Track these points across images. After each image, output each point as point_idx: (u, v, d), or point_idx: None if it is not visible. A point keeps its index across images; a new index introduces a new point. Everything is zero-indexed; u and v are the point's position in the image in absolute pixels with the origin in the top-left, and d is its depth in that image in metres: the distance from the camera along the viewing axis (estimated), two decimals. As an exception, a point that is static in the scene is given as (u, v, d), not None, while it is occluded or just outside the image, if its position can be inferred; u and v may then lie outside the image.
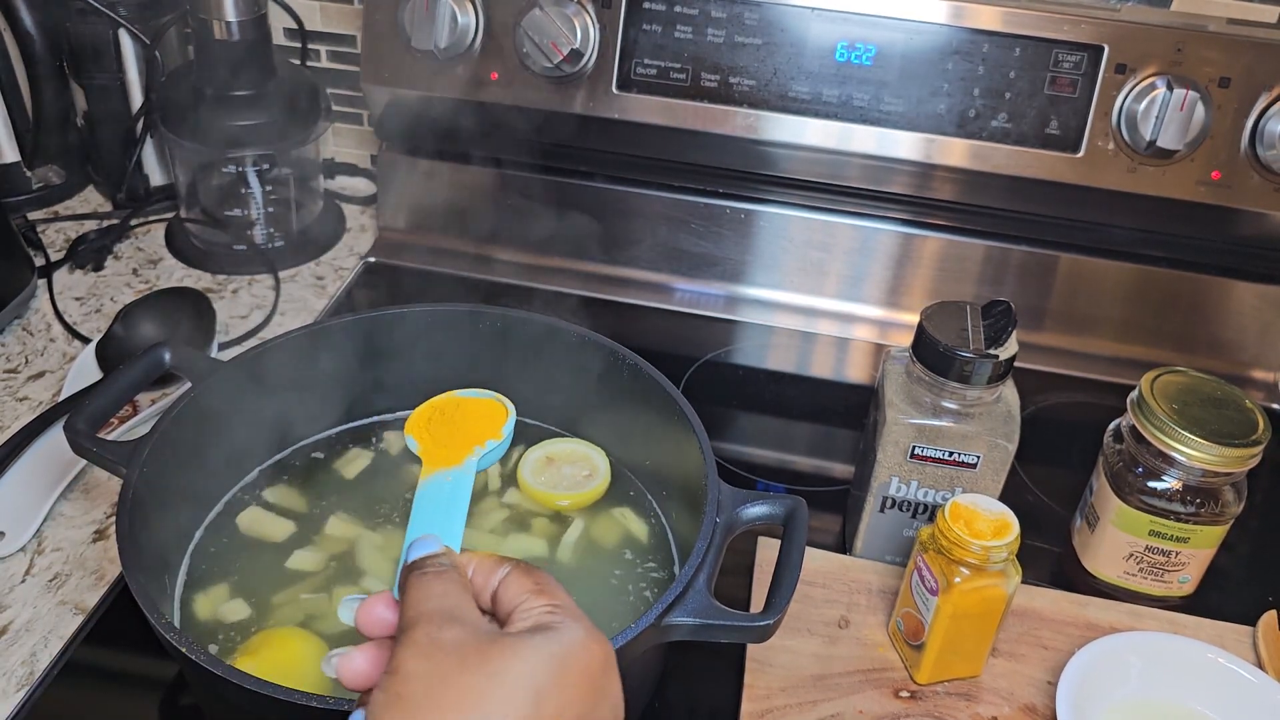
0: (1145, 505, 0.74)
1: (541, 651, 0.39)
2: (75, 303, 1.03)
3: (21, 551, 0.78)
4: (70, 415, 0.68)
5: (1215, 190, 0.94)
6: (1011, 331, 0.71)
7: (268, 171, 1.07)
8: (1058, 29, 0.92)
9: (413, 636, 0.39)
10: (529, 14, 0.96)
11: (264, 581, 0.70)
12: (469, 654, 0.38)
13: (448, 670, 0.38)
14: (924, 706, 0.69)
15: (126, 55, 1.09)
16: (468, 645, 0.39)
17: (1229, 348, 1.02)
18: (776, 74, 0.96)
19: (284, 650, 0.65)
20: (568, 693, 0.39)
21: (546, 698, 0.38)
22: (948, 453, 0.73)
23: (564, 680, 0.39)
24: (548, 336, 0.79)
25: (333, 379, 0.79)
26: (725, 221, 1.06)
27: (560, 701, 0.38)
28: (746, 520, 0.65)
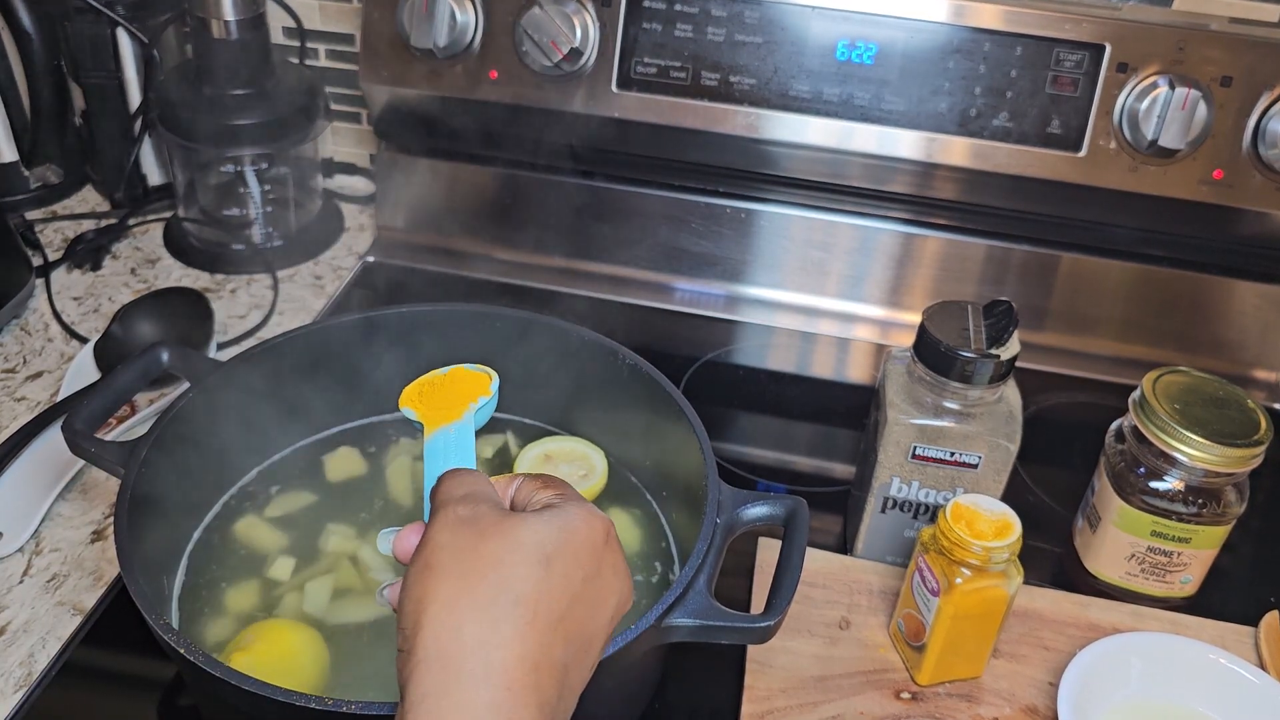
0: (1147, 505, 0.74)
1: (550, 524, 0.45)
2: (73, 302, 1.03)
3: (19, 552, 0.77)
4: (68, 415, 0.67)
5: (1217, 190, 0.94)
6: (1013, 331, 0.71)
7: (266, 171, 1.07)
8: (1059, 28, 0.91)
9: (441, 515, 0.45)
10: (528, 12, 0.95)
11: (262, 580, 0.70)
12: (488, 527, 0.44)
13: (470, 540, 0.43)
14: (925, 708, 0.69)
15: (125, 54, 1.09)
16: (487, 520, 0.44)
17: (1231, 347, 1.02)
18: (777, 73, 0.96)
19: (279, 644, 0.66)
20: (574, 558, 0.44)
21: (555, 561, 0.43)
22: (949, 453, 0.73)
23: (570, 547, 0.44)
24: (548, 336, 0.78)
25: (332, 379, 0.79)
26: (725, 221, 1.06)
27: (567, 565, 0.44)
28: (747, 521, 0.65)
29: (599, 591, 0.45)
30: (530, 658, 0.41)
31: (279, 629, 0.67)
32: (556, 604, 0.43)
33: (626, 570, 0.48)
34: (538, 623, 0.42)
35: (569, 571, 0.44)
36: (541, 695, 0.41)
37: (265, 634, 0.66)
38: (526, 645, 0.41)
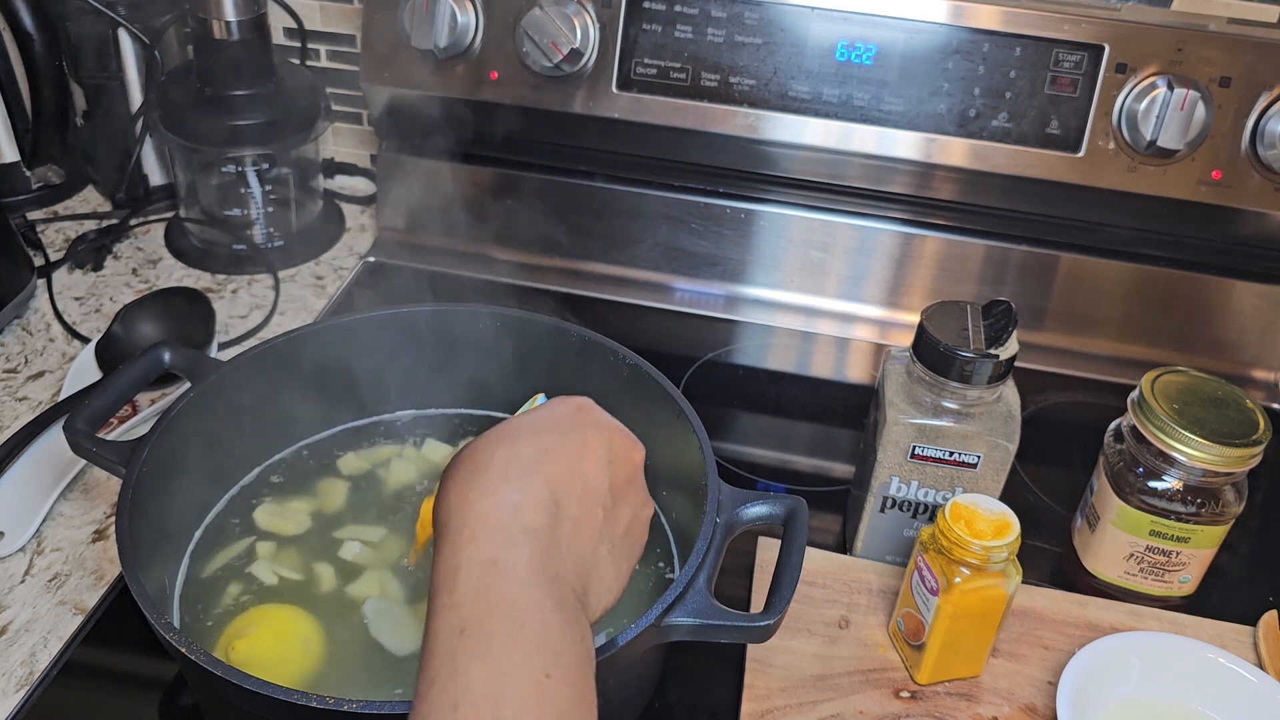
0: (1146, 505, 0.74)
1: (535, 409, 0.53)
2: (75, 302, 1.03)
3: (21, 552, 0.78)
4: (70, 415, 0.68)
5: (1216, 190, 0.94)
6: (1012, 331, 0.71)
7: (267, 171, 1.07)
8: (1058, 28, 0.92)
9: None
10: (529, 13, 0.95)
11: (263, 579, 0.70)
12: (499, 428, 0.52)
13: (485, 437, 0.51)
14: (924, 707, 0.69)
15: (126, 55, 1.09)
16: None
17: (1230, 347, 1.02)
18: (777, 73, 0.96)
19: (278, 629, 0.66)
20: (540, 421, 0.52)
21: (522, 430, 0.51)
22: (948, 453, 0.73)
23: (533, 418, 0.52)
24: (548, 336, 0.79)
25: (333, 379, 0.79)
26: (725, 221, 1.06)
27: (535, 426, 0.51)
28: (747, 520, 0.65)
29: (580, 442, 0.51)
30: (508, 502, 0.47)
31: (276, 614, 0.67)
32: (526, 458, 0.49)
33: (613, 423, 0.54)
34: (509, 476, 0.48)
35: (538, 430, 0.51)
36: (526, 523, 0.47)
37: (263, 619, 0.67)
38: (500, 496, 0.47)
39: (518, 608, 0.44)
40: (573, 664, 0.44)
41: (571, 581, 0.47)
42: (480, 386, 0.83)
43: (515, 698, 0.41)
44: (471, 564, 0.45)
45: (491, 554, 0.45)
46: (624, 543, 0.52)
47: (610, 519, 0.51)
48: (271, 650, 0.65)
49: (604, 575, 0.51)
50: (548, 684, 0.42)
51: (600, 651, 0.55)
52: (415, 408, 0.84)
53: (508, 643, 0.42)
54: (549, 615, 0.44)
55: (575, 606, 0.47)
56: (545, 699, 0.42)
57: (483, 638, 0.42)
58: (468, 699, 0.41)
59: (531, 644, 0.43)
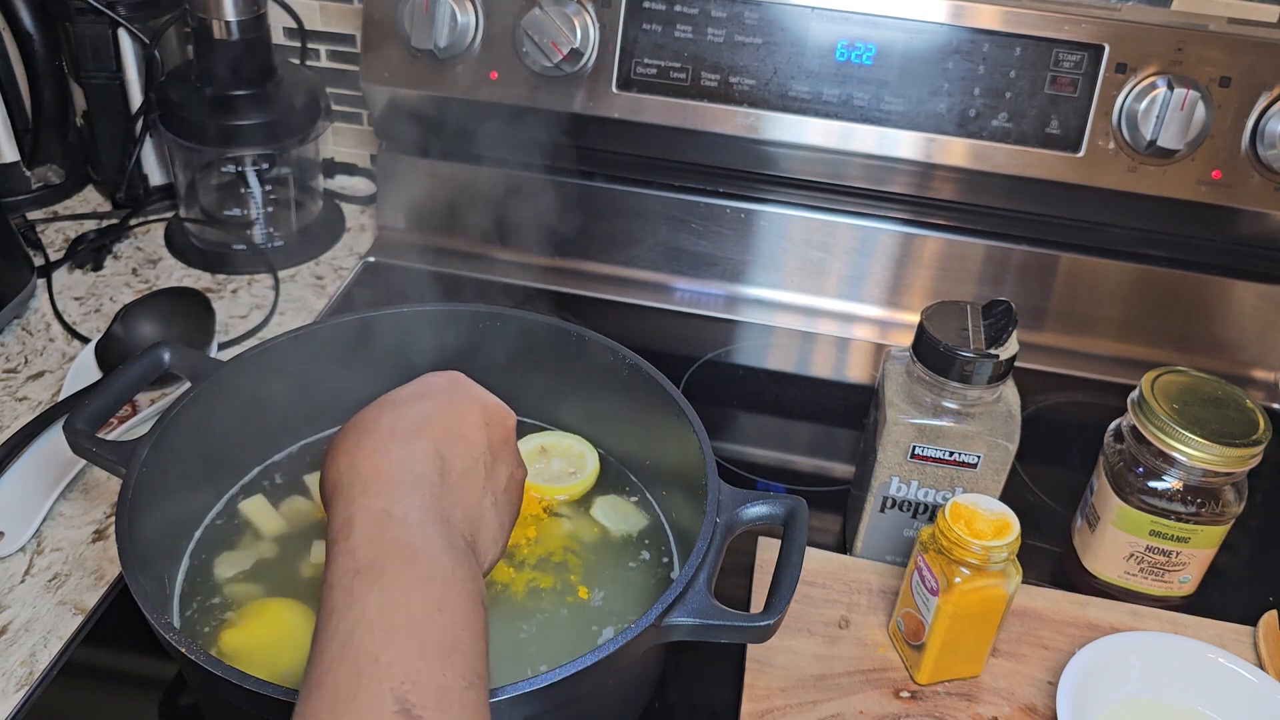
0: (1146, 505, 0.74)
1: (411, 383, 0.57)
2: (75, 302, 1.03)
3: (21, 551, 0.77)
4: (70, 415, 0.68)
5: (1216, 190, 0.94)
6: (1012, 331, 0.71)
7: (267, 171, 1.07)
8: (1058, 28, 0.92)
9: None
10: (529, 13, 0.95)
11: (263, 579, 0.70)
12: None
13: (367, 408, 0.55)
14: (924, 707, 0.69)
15: (126, 55, 1.09)
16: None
17: (1229, 347, 1.02)
18: (777, 73, 0.96)
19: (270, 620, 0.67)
20: (413, 390, 0.55)
21: (397, 399, 0.55)
22: (948, 453, 0.73)
23: (425, 382, 0.56)
24: (548, 336, 0.79)
25: (333, 379, 0.79)
26: (725, 221, 1.06)
27: (409, 395, 0.55)
28: (747, 520, 0.65)
29: (457, 406, 0.55)
30: (396, 458, 0.50)
31: (269, 606, 0.68)
32: (410, 420, 0.52)
33: (485, 392, 0.58)
34: (396, 435, 0.51)
35: (418, 397, 0.54)
36: (415, 473, 0.50)
37: (257, 611, 0.67)
38: (388, 453, 0.51)
39: (410, 549, 0.46)
40: (464, 599, 0.46)
41: (461, 527, 0.50)
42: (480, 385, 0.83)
43: (408, 626, 0.43)
44: (366, 513, 0.48)
45: (384, 504, 0.48)
46: (504, 498, 0.56)
47: (491, 475, 0.55)
48: (260, 641, 0.66)
49: (489, 525, 0.54)
50: (439, 616, 0.44)
51: (599, 652, 0.55)
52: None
53: (401, 577, 0.45)
54: (440, 557, 0.47)
55: (465, 550, 0.49)
56: (436, 628, 0.44)
57: (376, 573, 0.45)
58: (361, 626, 0.43)
59: (423, 579, 0.45)
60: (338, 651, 0.42)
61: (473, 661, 0.44)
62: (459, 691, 0.42)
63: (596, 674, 0.55)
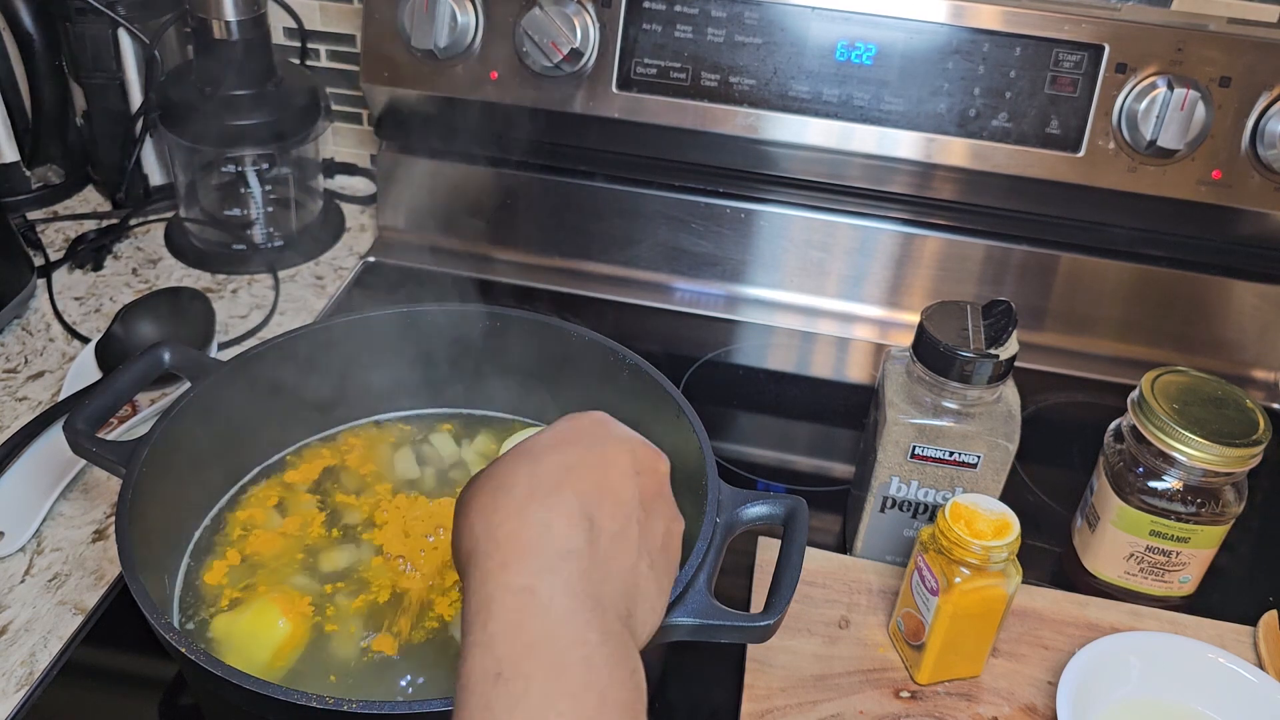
0: (1146, 505, 0.74)
1: (552, 426, 0.51)
2: (74, 302, 1.03)
3: (21, 551, 0.77)
4: (70, 415, 0.68)
5: (1216, 190, 0.94)
6: (1012, 331, 0.71)
7: (267, 171, 1.07)
8: (1058, 28, 0.92)
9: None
10: (529, 13, 0.95)
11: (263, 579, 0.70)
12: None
13: (502, 459, 0.49)
14: (924, 707, 0.69)
15: (126, 55, 1.09)
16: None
17: (1229, 347, 1.02)
18: (777, 73, 0.96)
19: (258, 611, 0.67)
20: (561, 439, 0.49)
21: (543, 448, 0.48)
22: (948, 453, 0.73)
23: (553, 434, 0.50)
24: (548, 336, 0.79)
25: (333, 378, 0.79)
26: (725, 221, 1.06)
27: (556, 443, 0.49)
28: (747, 520, 0.65)
29: (603, 454, 0.48)
30: (539, 521, 0.44)
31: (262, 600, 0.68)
32: (551, 474, 0.46)
33: (633, 435, 0.51)
34: (536, 495, 0.45)
35: (558, 445, 0.48)
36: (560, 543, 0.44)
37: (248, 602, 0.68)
38: (529, 516, 0.44)
39: (558, 645, 0.40)
40: (621, 705, 0.40)
41: (616, 605, 0.44)
42: (480, 386, 0.83)
43: None
44: (505, 593, 0.42)
45: (527, 580, 0.42)
46: (662, 558, 0.49)
47: (645, 533, 0.48)
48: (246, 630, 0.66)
49: (647, 593, 0.47)
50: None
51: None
52: (415, 408, 0.84)
53: (547, 688, 0.39)
54: (593, 651, 0.41)
55: (621, 634, 0.43)
56: None
57: (520, 682, 0.39)
58: None
59: (574, 688, 0.39)
60: None
61: None
62: None
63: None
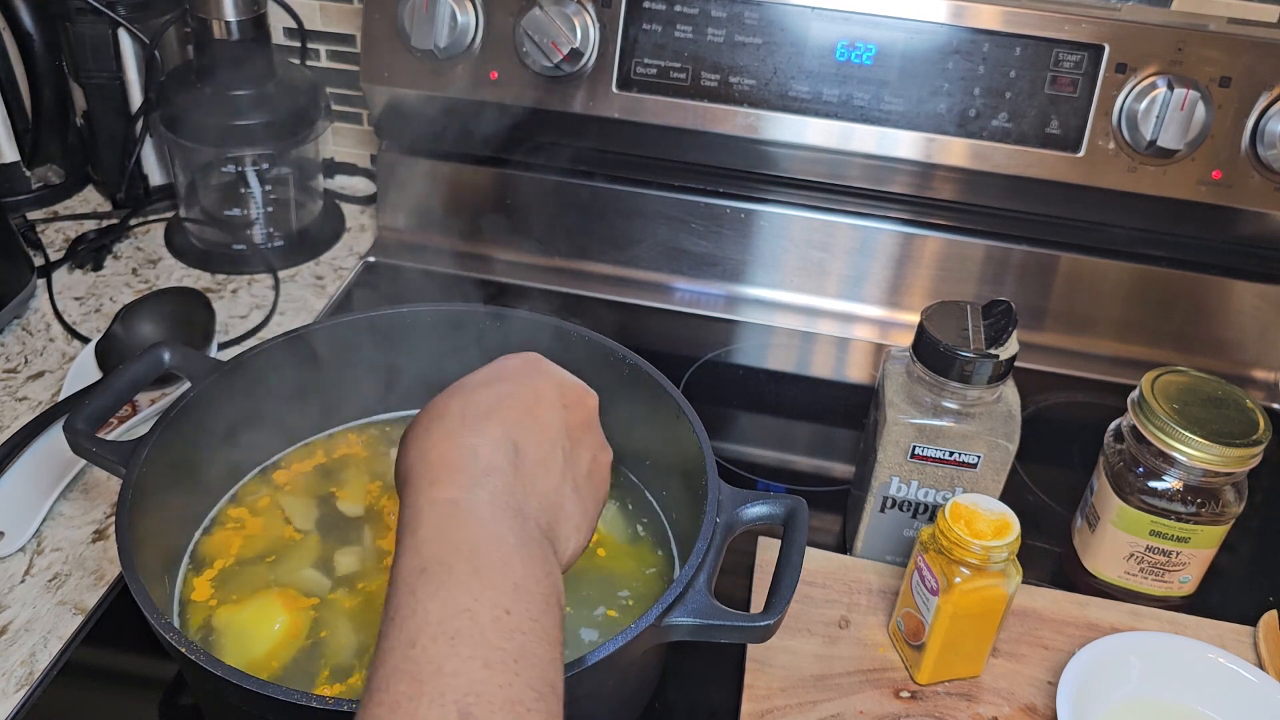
0: (1146, 505, 0.74)
1: (487, 366, 0.55)
2: (75, 302, 1.03)
3: (21, 551, 0.77)
4: (70, 415, 0.68)
5: (1216, 190, 0.94)
6: (1012, 331, 0.71)
7: (267, 171, 1.07)
8: (1058, 28, 0.92)
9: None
10: (529, 13, 0.95)
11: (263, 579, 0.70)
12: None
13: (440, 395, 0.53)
14: (924, 707, 0.69)
15: (126, 54, 1.09)
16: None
17: (1230, 347, 1.02)
18: (777, 73, 0.96)
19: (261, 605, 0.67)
20: (492, 373, 0.53)
21: (473, 383, 0.52)
22: (948, 453, 0.73)
23: (500, 365, 0.54)
24: (548, 336, 0.78)
25: (332, 379, 0.79)
26: (725, 221, 1.06)
27: (488, 379, 0.53)
28: (747, 520, 0.65)
29: (532, 389, 0.52)
30: (467, 445, 0.48)
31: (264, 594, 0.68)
32: (482, 406, 0.50)
33: (562, 372, 0.55)
34: (467, 422, 0.49)
35: (490, 382, 0.52)
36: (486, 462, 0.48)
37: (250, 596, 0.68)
38: (458, 439, 0.48)
39: (477, 544, 0.44)
40: (535, 599, 0.44)
41: (536, 517, 0.48)
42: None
43: (472, 632, 0.41)
44: (433, 505, 0.46)
45: (453, 494, 0.46)
46: (587, 483, 0.53)
47: (571, 460, 0.52)
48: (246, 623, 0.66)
49: (570, 513, 0.51)
50: (506, 619, 0.42)
51: (600, 652, 0.55)
52: (415, 408, 0.84)
53: (466, 578, 0.43)
54: (510, 553, 0.45)
55: (541, 543, 0.47)
56: (504, 633, 0.42)
57: (441, 573, 0.43)
58: (425, 633, 0.41)
59: (490, 579, 0.43)
60: (399, 662, 0.41)
61: (544, 669, 0.42)
62: (527, 704, 0.40)
63: (596, 674, 0.55)
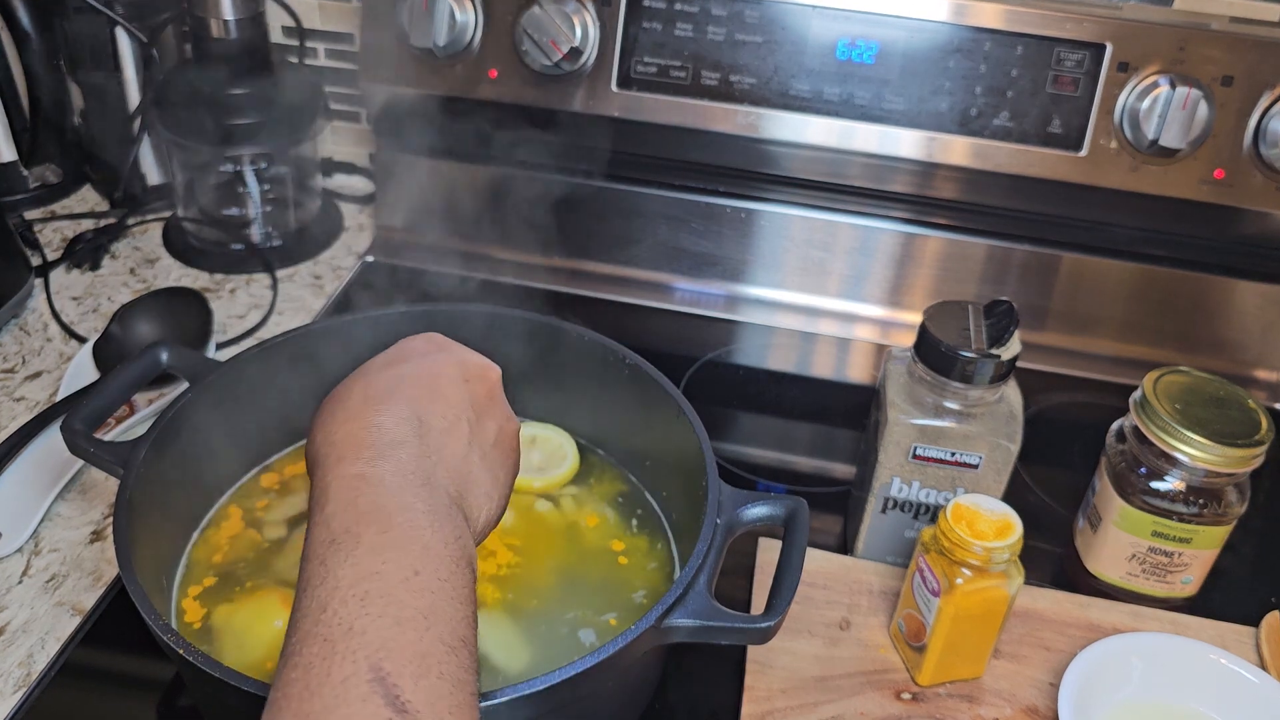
0: (1148, 505, 0.74)
1: (388, 349, 0.57)
2: (72, 302, 1.03)
3: (18, 552, 0.77)
4: (67, 415, 0.67)
5: (1218, 189, 0.94)
6: (1013, 331, 0.71)
7: (265, 170, 1.07)
8: (1060, 27, 0.91)
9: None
10: (528, 11, 0.95)
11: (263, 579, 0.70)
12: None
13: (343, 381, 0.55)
14: (925, 708, 0.69)
15: (124, 54, 1.08)
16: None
17: (1232, 347, 1.02)
18: (777, 72, 0.96)
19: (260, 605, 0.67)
20: (401, 351, 0.56)
21: (373, 366, 0.55)
22: (950, 453, 0.72)
23: (399, 346, 0.56)
24: (548, 336, 0.78)
25: (331, 379, 0.78)
26: (726, 220, 1.06)
27: (395, 354, 0.55)
28: (747, 521, 0.65)
29: (432, 365, 0.54)
30: (371, 423, 0.49)
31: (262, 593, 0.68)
32: (384, 385, 0.51)
33: (462, 348, 0.57)
34: (370, 401, 0.50)
35: (391, 363, 0.54)
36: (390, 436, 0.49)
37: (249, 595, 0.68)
38: (362, 419, 0.49)
39: (385, 512, 0.45)
40: (444, 561, 0.44)
41: (445, 486, 0.49)
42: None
43: (382, 594, 0.42)
44: (340, 480, 0.47)
45: (359, 469, 0.47)
46: (495, 452, 0.54)
47: (477, 430, 0.53)
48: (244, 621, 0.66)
49: (480, 481, 0.52)
50: (415, 580, 0.43)
51: (599, 653, 0.55)
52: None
53: (374, 544, 0.44)
54: (418, 517, 0.45)
55: (450, 509, 0.48)
56: (413, 592, 0.42)
57: (350, 541, 0.44)
58: (335, 597, 0.42)
59: (399, 543, 0.44)
60: (311, 626, 0.41)
61: (455, 625, 0.43)
62: (439, 657, 0.41)
63: (596, 676, 0.55)
